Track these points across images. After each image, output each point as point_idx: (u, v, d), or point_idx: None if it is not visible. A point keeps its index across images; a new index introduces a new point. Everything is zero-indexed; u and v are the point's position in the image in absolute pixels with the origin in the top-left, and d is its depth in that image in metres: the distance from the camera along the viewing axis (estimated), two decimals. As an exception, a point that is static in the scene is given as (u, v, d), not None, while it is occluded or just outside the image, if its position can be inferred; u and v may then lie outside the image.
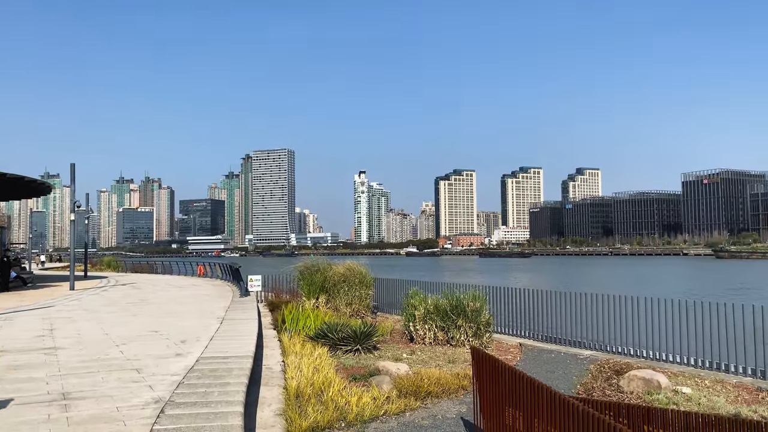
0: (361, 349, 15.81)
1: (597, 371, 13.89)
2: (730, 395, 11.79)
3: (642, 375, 12.23)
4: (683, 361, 14.92)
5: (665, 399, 11.07)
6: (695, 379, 13.10)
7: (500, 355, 15.88)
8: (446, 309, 17.45)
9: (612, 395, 11.80)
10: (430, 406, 11.09)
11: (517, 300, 19.87)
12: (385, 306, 26.11)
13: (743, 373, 13.63)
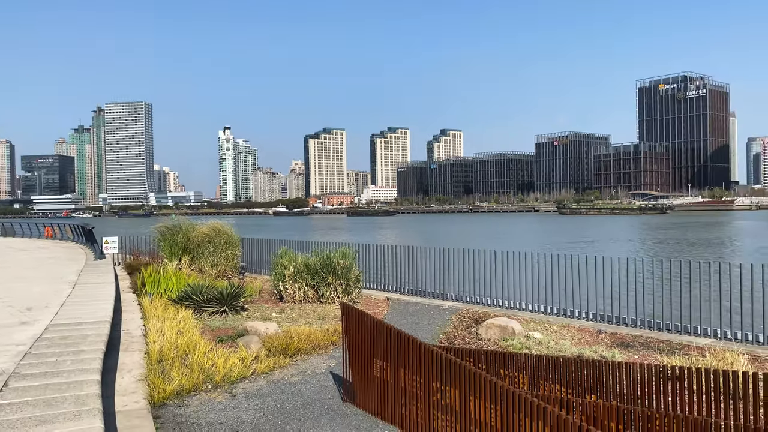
0: (228, 310, 15.45)
1: (458, 321, 14.67)
2: (574, 338, 12.95)
3: (498, 323, 13.07)
4: (535, 308, 16.14)
5: (519, 344, 11.93)
6: (545, 324, 14.23)
7: (369, 309, 16.26)
8: (316, 267, 17.47)
9: (472, 342, 12.52)
10: (299, 363, 11.12)
11: (385, 256, 20.36)
12: (254, 266, 25.70)
13: (586, 318, 15.00)
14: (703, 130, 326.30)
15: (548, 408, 5.88)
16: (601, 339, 12.83)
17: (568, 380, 7.60)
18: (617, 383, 7.26)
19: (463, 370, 6.83)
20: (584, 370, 7.50)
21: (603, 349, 11.63)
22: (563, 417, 5.73)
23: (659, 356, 11.02)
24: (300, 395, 9.34)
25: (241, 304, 16.15)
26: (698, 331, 12.98)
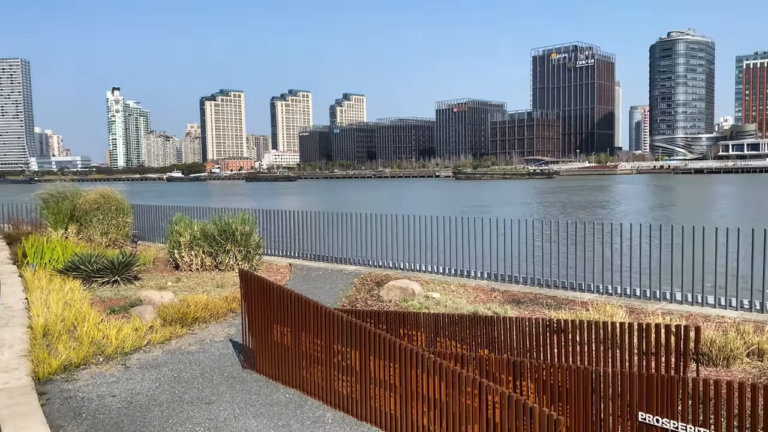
0: (120, 280, 14.75)
1: (361, 284, 14.84)
2: (471, 296, 13.47)
3: (399, 284, 13.35)
4: (434, 270, 16.61)
5: (418, 304, 12.27)
6: (444, 285, 14.69)
7: (270, 276, 16.08)
8: (214, 234, 16.99)
9: (374, 304, 12.73)
10: (197, 331, 10.86)
11: (287, 222, 20.14)
12: (147, 234, 24.65)
13: (481, 278, 15.63)
14: (591, 98, 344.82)
15: (444, 363, 6.10)
16: (494, 297, 13.43)
17: (463, 336, 7.92)
18: (508, 337, 7.65)
19: (364, 331, 6.94)
20: (478, 326, 7.83)
21: (496, 306, 12.19)
22: (458, 371, 5.97)
23: (547, 311, 11.69)
24: (198, 364, 9.14)
25: (135, 273, 15.47)
26: (583, 287, 13.87)
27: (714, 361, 8.36)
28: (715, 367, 8.30)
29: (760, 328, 9.58)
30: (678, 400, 5.04)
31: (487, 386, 5.77)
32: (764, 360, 8.45)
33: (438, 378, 6.16)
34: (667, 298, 12.56)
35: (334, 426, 6.92)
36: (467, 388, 5.92)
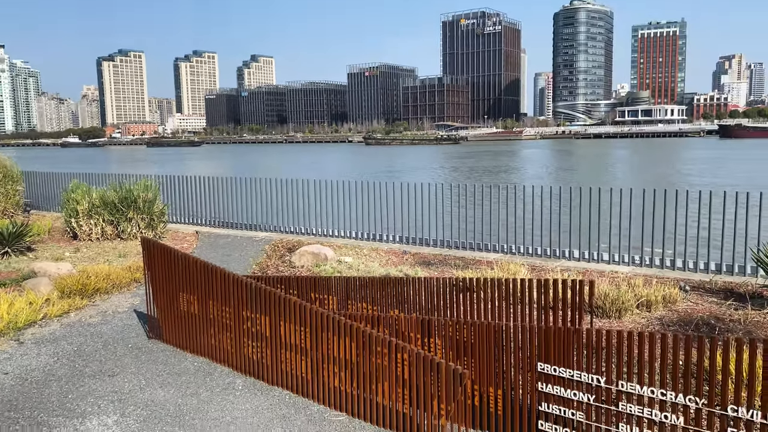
0: (11, 252, 13.81)
1: (272, 251, 14.66)
2: (383, 260, 13.65)
3: (311, 250, 13.30)
4: (347, 235, 16.67)
5: (331, 269, 12.29)
6: (356, 249, 14.78)
7: (176, 244, 15.56)
8: (114, 201, 16.19)
9: (285, 271, 12.63)
10: (99, 303, 10.38)
11: (193, 188, 19.47)
12: (41, 203, 23.18)
13: (393, 241, 15.85)
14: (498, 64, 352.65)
15: (354, 325, 6.16)
16: (406, 259, 13.67)
17: (374, 298, 8.02)
18: (418, 297, 7.82)
19: (273, 297, 6.87)
20: (388, 287, 7.95)
21: (407, 268, 12.42)
22: (368, 332, 6.05)
23: (456, 271, 12.04)
24: (100, 336, 8.76)
25: (27, 244, 14.53)
26: (489, 248, 14.37)
27: (608, 314, 8.94)
28: (609, 318, 8.88)
29: (648, 281, 10.31)
30: (573, 350, 5.36)
31: (397, 345, 5.89)
32: (652, 310, 9.12)
33: (349, 339, 6.22)
34: (566, 256, 13.25)
35: (245, 392, 6.87)
36: (378, 348, 6.02)
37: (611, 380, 5.15)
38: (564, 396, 5.38)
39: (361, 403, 6.21)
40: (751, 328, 8.23)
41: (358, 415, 6.22)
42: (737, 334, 7.89)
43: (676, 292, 9.62)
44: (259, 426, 6.11)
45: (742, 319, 8.56)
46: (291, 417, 6.30)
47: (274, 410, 6.44)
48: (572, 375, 5.32)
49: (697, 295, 9.94)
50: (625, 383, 5.04)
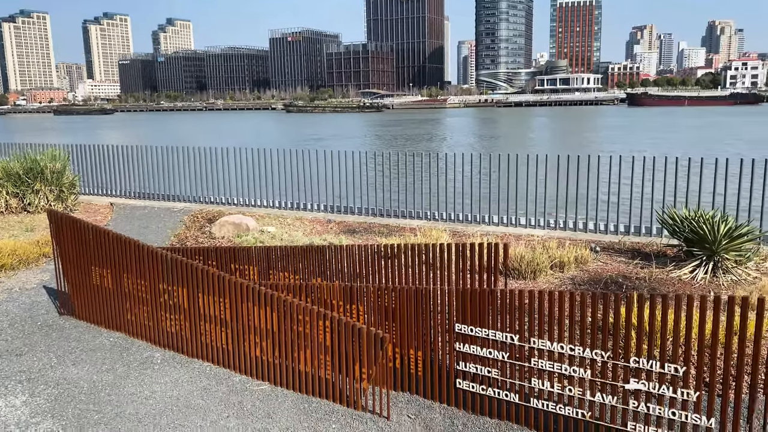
0: None
1: (191, 222, 14.27)
2: (307, 229, 13.56)
3: (232, 220, 13.03)
4: (270, 204, 16.42)
5: (253, 239, 12.10)
6: (279, 218, 14.61)
7: (89, 217, 14.87)
8: (19, 173, 15.23)
9: (205, 242, 12.34)
10: (4, 279, 9.82)
11: (106, 158, 18.57)
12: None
13: (318, 210, 15.76)
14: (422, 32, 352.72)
15: (275, 294, 6.11)
16: (330, 228, 13.64)
17: (296, 268, 7.98)
18: (341, 265, 7.84)
19: (190, 269, 6.71)
20: (311, 256, 7.92)
21: (332, 237, 12.41)
22: (289, 300, 6.02)
23: (380, 239, 12.13)
24: (6, 314, 8.31)
25: None
26: (413, 215, 14.55)
27: (523, 275, 9.29)
28: (525, 279, 9.22)
29: (562, 243, 10.75)
30: (488, 310, 5.54)
31: (318, 312, 5.90)
32: (565, 271, 9.54)
33: (269, 309, 6.17)
34: (486, 222, 13.61)
35: (164, 365, 6.72)
36: (299, 316, 6.01)
37: (524, 338, 5.36)
38: (480, 355, 5.57)
39: (283, 372, 6.20)
40: (655, 284, 8.76)
41: (281, 384, 6.22)
42: (642, 290, 8.38)
43: (587, 253, 10.09)
44: (179, 399, 6.00)
45: (647, 277, 9.10)
46: (212, 388, 6.22)
47: (195, 382, 6.34)
48: (488, 334, 5.51)
49: (607, 255, 10.47)
50: (537, 340, 5.26)
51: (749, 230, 9.50)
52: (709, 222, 9.40)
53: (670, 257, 10.12)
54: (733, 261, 9.18)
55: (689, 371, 4.68)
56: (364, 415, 5.66)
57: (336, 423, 5.56)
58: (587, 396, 5.07)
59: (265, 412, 5.76)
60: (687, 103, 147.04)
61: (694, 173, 11.64)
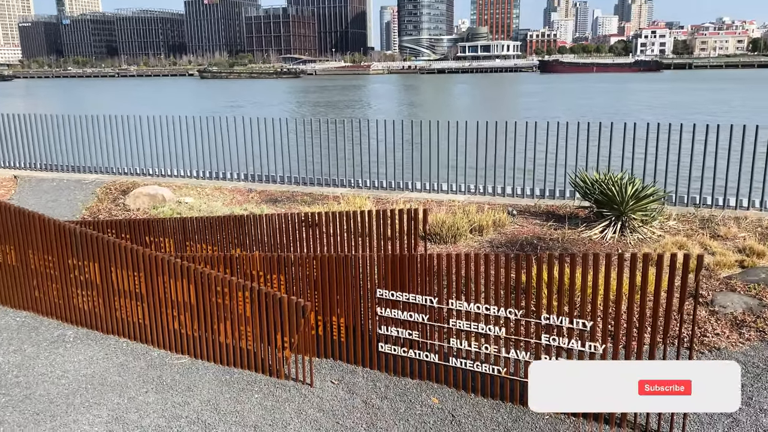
0: None
1: (104, 194, 13.65)
2: (227, 199, 13.25)
3: (148, 191, 12.56)
4: (187, 174, 15.90)
5: (170, 210, 11.72)
6: (198, 189, 14.20)
7: (-10, 190, 13.94)
8: None
9: (119, 214, 11.86)
10: None
11: (6, 128, 17.36)
12: None
13: (238, 179, 15.41)
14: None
15: (192, 266, 5.97)
16: (251, 197, 13.40)
17: (215, 239, 7.80)
18: (262, 235, 7.73)
19: (102, 243, 6.43)
20: (230, 226, 7.76)
21: (253, 207, 12.20)
22: (206, 272, 5.90)
23: (303, 207, 12.03)
24: None
25: None
26: (336, 183, 14.49)
27: (444, 239, 9.48)
28: (446, 244, 9.42)
29: (481, 208, 11.03)
30: (409, 275, 5.63)
31: (237, 283, 5.81)
32: (484, 234, 9.81)
33: (187, 281, 6.03)
34: (409, 188, 13.75)
35: (77, 343, 6.47)
36: (218, 288, 5.91)
37: (443, 300, 5.50)
38: (402, 318, 5.68)
39: (204, 344, 6.11)
40: (567, 245, 9.16)
41: (202, 356, 6.13)
42: (555, 251, 8.75)
43: (505, 216, 10.41)
44: (94, 377, 5.81)
45: (560, 238, 9.50)
46: (129, 364, 6.05)
47: (111, 359, 6.15)
48: (409, 298, 5.61)
49: (524, 218, 10.83)
50: (455, 302, 5.41)
51: (654, 191, 10.06)
52: (618, 184, 9.87)
53: (582, 218, 10.59)
54: (640, 221, 9.71)
55: (596, 325, 4.95)
56: (287, 383, 5.67)
57: (259, 392, 5.55)
58: (502, 353, 5.27)
59: (185, 386, 5.67)
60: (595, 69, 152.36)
61: (605, 138, 12.15)
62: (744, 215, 10.61)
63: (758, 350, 5.97)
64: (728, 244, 9.04)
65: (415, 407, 5.26)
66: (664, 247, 8.83)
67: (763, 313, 6.58)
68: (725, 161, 11.33)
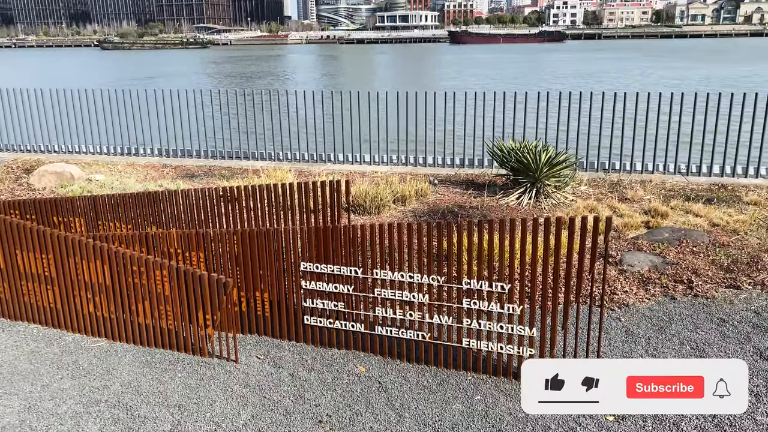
0: None
1: (5, 173, 12.79)
2: (140, 175, 12.73)
3: (54, 169, 11.88)
4: (97, 150, 15.12)
5: (80, 189, 11.15)
6: (109, 166, 13.55)
7: None
8: None
9: (23, 194, 11.17)
10: None
11: None
12: None
13: (152, 154, 14.80)
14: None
15: (104, 246, 5.72)
16: (167, 173, 12.93)
17: (130, 217, 7.49)
18: (178, 211, 7.48)
19: (4, 224, 6.04)
20: (144, 203, 7.46)
21: (168, 182, 11.78)
22: (121, 252, 5.67)
23: (221, 182, 11.74)
24: None
25: None
26: (255, 156, 14.19)
27: (368, 210, 9.52)
28: (370, 215, 9.47)
29: (404, 178, 11.13)
30: (332, 246, 5.62)
31: (155, 262, 5.62)
32: (407, 204, 9.92)
33: (101, 262, 5.77)
34: (331, 160, 13.66)
35: (-19, 333, 6.09)
36: (134, 268, 5.69)
37: (368, 271, 5.54)
38: (327, 290, 5.68)
39: (121, 326, 5.89)
40: (486, 212, 9.42)
41: (120, 338, 5.92)
42: (475, 218, 8.97)
43: (426, 186, 10.55)
44: (3, 366, 5.50)
45: (479, 205, 9.75)
46: (41, 351, 5.77)
47: (21, 347, 5.84)
48: (333, 270, 5.61)
49: (445, 187, 11.03)
50: (380, 271, 5.46)
51: (566, 158, 10.47)
52: (532, 152, 10.20)
53: (500, 186, 10.89)
54: (553, 186, 10.09)
55: (514, 288, 5.13)
56: (212, 361, 5.58)
57: (182, 372, 5.43)
58: (426, 319, 5.39)
59: (104, 369, 5.47)
60: (502, 40, 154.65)
61: (519, 108, 12.47)
62: (649, 178, 11.24)
63: (662, 305, 6.39)
64: (635, 207, 9.56)
65: (342, 377, 5.31)
66: (576, 211, 9.24)
67: (666, 270, 7.04)
68: (632, 128, 11.90)
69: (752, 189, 10.42)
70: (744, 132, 11.61)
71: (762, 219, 8.77)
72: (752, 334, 5.77)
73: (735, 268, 7.09)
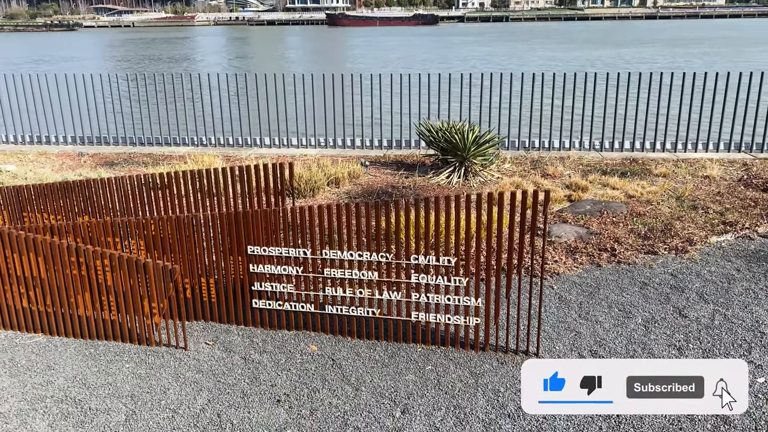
0: None
1: None
2: (55, 165, 12.10)
3: (-42, 160, 11.07)
4: (2, 140, 14.20)
5: (-11, 180, 10.47)
6: (19, 155, 12.80)
7: None
8: None
9: (-75, 188, 10.34)
10: None
11: None
12: None
13: (65, 143, 14.06)
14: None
15: (37, 237, 5.49)
16: (84, 162, 12.35)
17: (57, 207, 7.17)
18: (109, 200, 7.22)
19: None
20: (72, 193, 7.15)
21: (88, 171, 11.28)
22: (55, 243, 5.46)
23: (145, 169, 11.36)
24: None
25: None
26: (177, 142, 13.78)
27: (303, 194, 9.53)
28: (305, 198, 9.48)
29: (335, 161, 11.17)
30: (279, 229, 5.64)
31: (93, 252, 5.44)
32: (340, 186, 10.00)
33: (33, 254, 5.52)
34: (258, 144, 13.48)
35: None
36: (70, 258, 5.49)
37: (316, 251, 5.60)
38: (274, 273, 5.70)
39: (60, 320, 5.68)
40: (419, 191, 9.65)
41: (59, 333, 5.71)
42: (410, 197, 9.18)
43: (358, 168, 10.66)
44: (-69, 370, 5.18)
45: (411, 185, 9.96)
46: (-28, 351, 5.47)
47: (-52, 349, 5.51)
48: (281, 252, 5.64)
49: (376, 168, 11.17)
50: (329, 251, 5.54)
51: (492, 137, 10.85)
52: (460, 132, 10.51)
53: (429, 166, 11.16)
54: (480, 165, 10.45)
55: (459, 262, 5.36)
56: (160, 350, 5.50)
57: (129, 362, 5.32)
58: (376, 296, 5.53)
59: (45, 365, 5.27)
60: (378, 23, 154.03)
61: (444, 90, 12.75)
62: (567, 155, 11.84)
63: (589, 272, 6.84)
64: (557, 182, 10.09)
65: (296, 357, 5.37)
66: (504, 188, 9.64)
67: (591, 240, 7.51)
68: (549, 108, 12.47)
69: (660, 162, 11.21)
70: (651, 109, 12.43)
71: (671, 190, 9.49)
72: (671, 295, 6.30)
73: (651, 235, 7.67)
